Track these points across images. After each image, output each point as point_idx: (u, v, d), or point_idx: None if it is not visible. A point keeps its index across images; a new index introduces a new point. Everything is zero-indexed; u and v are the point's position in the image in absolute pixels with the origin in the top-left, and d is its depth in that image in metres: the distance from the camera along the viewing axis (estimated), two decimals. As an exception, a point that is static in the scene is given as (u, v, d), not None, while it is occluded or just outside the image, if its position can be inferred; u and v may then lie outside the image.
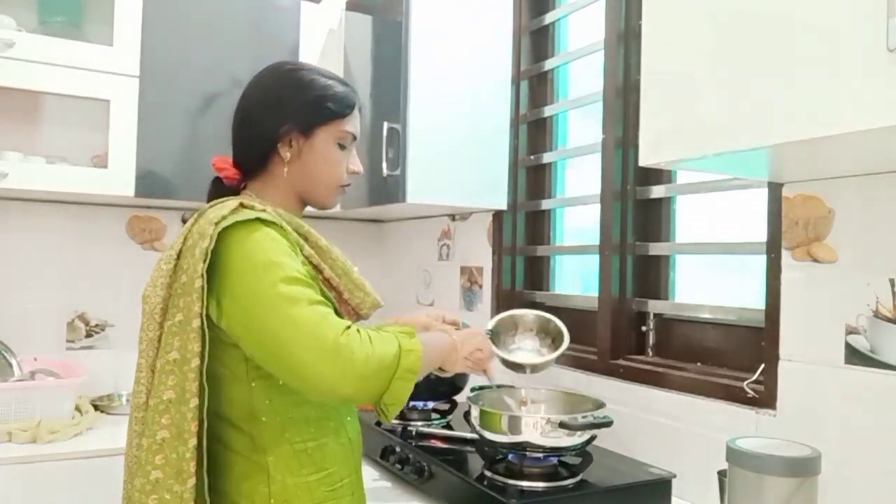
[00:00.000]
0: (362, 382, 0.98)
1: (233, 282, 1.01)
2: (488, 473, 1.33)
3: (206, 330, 1.01)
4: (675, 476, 1.36)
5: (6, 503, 1.66)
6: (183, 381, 1.00)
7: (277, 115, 1.14)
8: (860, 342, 1.15)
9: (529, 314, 1.59)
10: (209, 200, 1.17)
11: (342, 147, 1.19)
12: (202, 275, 0.99)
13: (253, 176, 1.18)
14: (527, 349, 1.56)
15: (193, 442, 0.99)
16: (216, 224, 1.02)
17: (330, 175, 1.19)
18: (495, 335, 1.48)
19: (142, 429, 1.04)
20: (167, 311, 1.05)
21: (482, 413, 1.34)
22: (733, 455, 1.11)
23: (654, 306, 1.69)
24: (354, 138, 1.21)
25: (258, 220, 1.04)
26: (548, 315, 1.56)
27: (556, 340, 1.54)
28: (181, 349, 1.01)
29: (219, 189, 1.20)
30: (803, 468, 1.06)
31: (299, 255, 1.07)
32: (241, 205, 1.07)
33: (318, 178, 1.18)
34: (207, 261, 1.00)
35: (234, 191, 1.19)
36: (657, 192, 1.68)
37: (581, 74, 2.04)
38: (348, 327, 1.00)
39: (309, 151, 1.16)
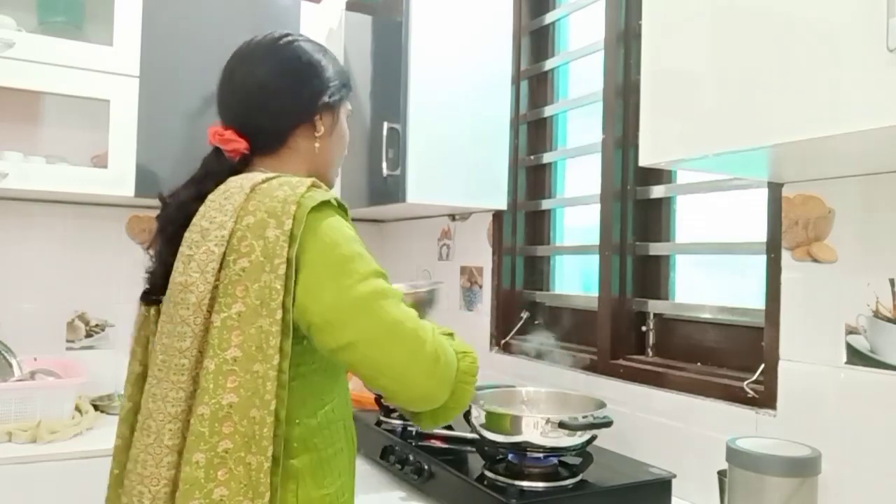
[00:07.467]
0: (447, 386, 0.99)
1: (312, 270, 0.92)
2: (488, 473, 1.33)
3: (291, 322, 0.91)
4: (675, 476, 1.36)
5: (6, 503, 1.65)
6: (253, 381, 0.89)
7: (314, 86, 1.08)
8: (860, 342, 1.15)
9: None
10: (208, 174, 1.06)
11: None
12: (289, 260, 0.90)
13: (267, 151, 1.08)
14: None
15: (272, 450, 0.89)
16: (298, 204, 0.92)
17: (343, 152, 1.17)
18: None
19: (181, 443, 0.92)
20: (214, 303, 0.93)
21: (488, 414, 1.34)
22: (733, 455, 1.11)
23: (654, 306, 1.69)
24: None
25: (331, 203, 0.97)
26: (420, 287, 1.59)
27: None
28: (243, 345, 0.90)
29: (222, 164, 1.07)
30: (803, 468, 1.06)
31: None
32: (314, 184, 0.98)
33: (337, 155, 1.16)
34: (297, 245, 0.91)
35: (237, 167, 1.07)
36: (657, 192, 1.68)
37: (581, 74, 2.04)
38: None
39: (337, 126, 1.13)
